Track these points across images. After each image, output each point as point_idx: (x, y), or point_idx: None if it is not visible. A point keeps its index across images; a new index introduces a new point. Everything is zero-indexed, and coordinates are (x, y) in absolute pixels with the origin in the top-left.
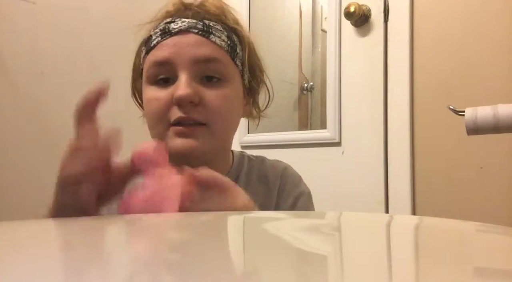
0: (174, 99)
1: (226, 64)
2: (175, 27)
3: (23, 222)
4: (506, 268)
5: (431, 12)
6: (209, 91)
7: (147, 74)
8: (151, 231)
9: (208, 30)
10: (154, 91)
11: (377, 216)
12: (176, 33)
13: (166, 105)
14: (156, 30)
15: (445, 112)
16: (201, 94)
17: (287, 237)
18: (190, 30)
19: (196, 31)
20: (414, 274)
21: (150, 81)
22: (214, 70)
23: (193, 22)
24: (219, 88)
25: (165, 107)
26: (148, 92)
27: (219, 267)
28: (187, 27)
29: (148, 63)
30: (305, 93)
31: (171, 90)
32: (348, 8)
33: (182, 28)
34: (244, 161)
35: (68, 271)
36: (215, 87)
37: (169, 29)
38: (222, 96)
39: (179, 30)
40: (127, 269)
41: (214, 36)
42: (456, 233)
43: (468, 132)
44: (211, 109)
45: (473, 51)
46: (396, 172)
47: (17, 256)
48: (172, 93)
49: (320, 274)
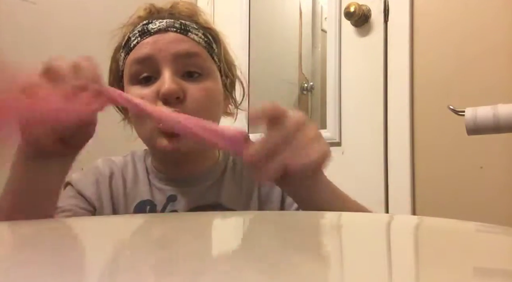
0: (160, 95)
1: (206, 59)
2: (154, 27)
3: (23, 222)
4: (506, 268)
5: (431, 12)
6: (191, 86)
7: (129, 73)
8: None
9: (186, 29)
10: (138, 90)
11: (377, 216)
12: (155, 32)
13: (152, 102)
14: (134, 31)
15: (445, 112)
16: (184, 89)
17: (287, 236)
18: (169, 29)
19: (174, 29)
20: (414, 274)
21: (132, 81)
22: (195, 65)
23: (171, 21)
24: (200, 82)
25: None
26: (132, 92)
27: (219, 267)
28: (166, 27)
29: (129, 63)
30: (305, 93)
31: (155, 87)
32: (348, 8)
33: (161, 27)
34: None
35: (67, 270)
36: (197, 81)
37: (148, 29)
38: (204, 90)
39: (158, 30)
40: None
41: (192, 34)
42: (456, 233)
43: (468, 132)
44: (195, 103)
45: (473, 51)
46: (396, 172)
47: (17, 256)
48: (156, 90)
49: (320, 274)
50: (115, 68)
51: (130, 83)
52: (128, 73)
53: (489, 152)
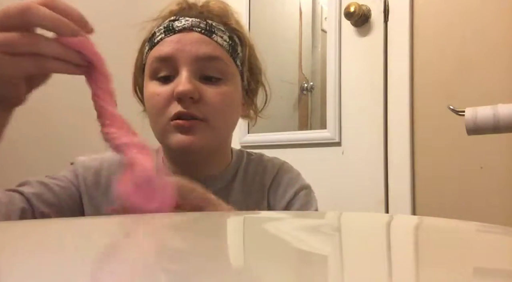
0: (174, 94)
1: (227, 63)
2: (179, 25)
3: (23, 222)
4: (506, 268)
5: (431, 12)
6: (209, 89)
7: (150, 69)
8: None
9: (211, 30)
10: (156, 87)
11: (377, 216)
12: (179, 31)
13: (167, 100)
14: (160, 27)
15: (445, 112)
16: (201, 91)
17: (287, 237)
18: (193, 28)
19: (199, 29)
20: (414, 274)
21: (152, 76)
22: (214, 69)
23: (197, 21)
24: (218, 86)
25: (166, 102)
26: (149, 87)
27: (219, 268)
28: (191, 26)
29: (151, 59)
30: (305, 93)
31: (172, 86)
32: (348, 8)
33: (186, 26)
34: (243, 157)
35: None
36: (215, 85)
37: (173, 27)
38: (221, 94)
39: (182, 28)
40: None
41: (216, 36)
42: (456, 233)
43: (468, 132)
44: (210, 105)
45: (473, 51)
46: (396, 172)
47: (17, 256)
48: (173, 89)
49: (320, 274)
50: (140, 61)
51: (149, 78)
52: (149, 69)
53: (489, 152)
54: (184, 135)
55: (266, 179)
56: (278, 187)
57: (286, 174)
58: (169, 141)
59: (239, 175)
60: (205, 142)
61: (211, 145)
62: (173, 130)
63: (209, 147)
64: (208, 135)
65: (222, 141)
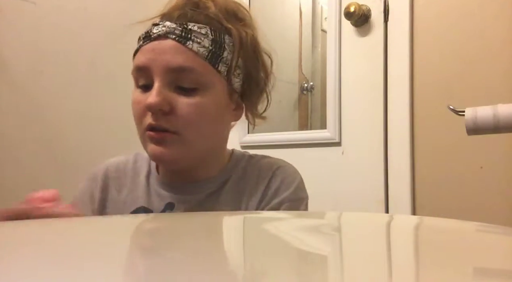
0: (145, 107)
1: (202, 72)
2: (155, 31)
3: (23, 222)
4: (506, 268)
5: (431, 12)
6: (182, 99)
7: (133, 76)
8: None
9: (187, 36)
10: (138, 94)
11: (377, 216)
12: (154, 38)
13: (143, 110)
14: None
15: (445, 112)
16: (172, 103)
17: (287, 237)
18: (168, 35)
19: (173, 37)
20: (414, 274)
21: (135, 84)
22: (187, 79)
23: (172, 27)
24: (192, 97)
25: (142, 112)
26: (133, 94)
27: (219, 267)
28: (165, 33)
29: (133, 66)
30: (305, 93)
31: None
32: (348, 8)
33: (161, 33)
34: (243, 160)
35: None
36: (189, 95)
37: (150, 34)
38: (194, 105)
39: (157, 35)
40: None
41: (193, 42)
42: (456, 233)
43: (468, 132)
44: (182, 117)
45: (473, 51)
46: (396, 172)
47: (18, 256)
48: None
49: (320, 274)
50: None
51: (135, 85)
52: (133, 76)
53: (489, 152)
54: (155, 146)
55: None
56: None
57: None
58: (146, 149)
59: (232, 178)
60: (178, 154)
61: (186, 157)
62: (148, 140)
63: (185, 159)
64: (179, 147)
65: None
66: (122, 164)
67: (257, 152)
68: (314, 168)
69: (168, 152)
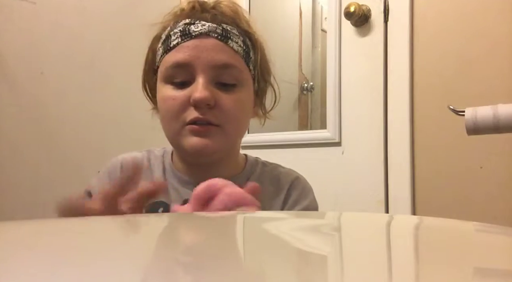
0: (192, 101)
1: (241, 70)
2: (196, 29)
3: (23, 222)
4: (506, 268)
5: (431, 12)
6: (224, 95)
7: (165, 74)
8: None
9: (227, 35)
10: (171, 91)
11: (377, 216)
12: (196, 36)
13: (183, 105)
14: (176, 30)
15: (445, 112)
16: (216, 98)
17: (287, 237)
18: (210, 34)
19: (215, 35)
20: (414, 274)
21: (166, 80)
22: (229, 76)
23: (213, 26)
24: (233, 92)
25: (181, 107)
26: (164, 91)
27: (219, 266)
28: (207, 31)
29: (168, 63)
30: (305, 93)
31: (188, 92)
32: (348, 8)
33: (203, 32)
34: (257, 166)
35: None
36: (230, 91)
37: (189, 32)
38: (236, 100)
39: (199, 33)
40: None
41: (232, 42)
42: (456, 233)
43: (468, 132)
44: (226, 112)
45: (473, 51)
46: (396, 172)
47: (19, 256)
48: (189, 95)
49: (320, 274)
50: (151, 59)
51: (163, 82)
52: (164, 73)
53: (489, 152)
54: (198, 138)
55: (280, 188)
56: (289, 198)
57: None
58: (183, 143)
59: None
60: (218, 146)
61: (223, 149)
62: (188, 134)
63: (221, 151)
64: (221, 140)
65: (233, 145)
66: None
67: (257, 152)
68: (314, 168)
69: (212, 144)
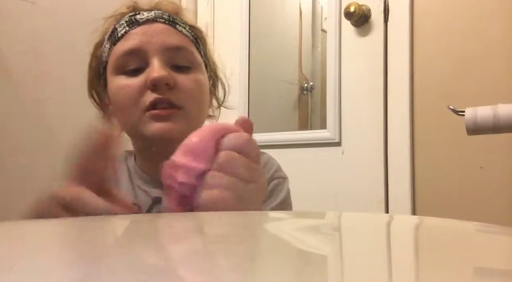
0: (149, 82)
1: (193, 53)
2: (142, 17)
3: (23, 222)
4: (506, 268)
5: (431, 12)
6: (181, 76)
7: (116, 64)
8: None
9: (174, 21)
10: (125, 79)
11: (377, 216)
12: (143, 22)
13: (140, 90)
14: (121, 22)
15: (445, 112)
16: (175, 79)
17: (287, 237)
18: (157, 19)
19: (163, 20)
20: (414, 274)
21: (118, 71)
22: (183, 58)
23: (160, 12)
24: (190, 74)
25: (138, 93)
26: (117, 81)
27: (219, 266)
28: (154, 17)
29: (117, 54)
30: (305, 93)
31: (144, 76)
32: (348, 8)
33: (149, 18)
34: None
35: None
36: (186, 73)
37: (136, 20)
38: (194, 80)
39: (146, 20)
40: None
41: (180, 27)
42: (456, 233)
43: (468, 132)
44: (186, 92)
45: (473, 51)
46: (396, 172)
47: (20, 256)
48: (144, 79)
49: (320, 274)
50: (96, 65)
51: (115, 73)
52: (114, 64)
53: (489, 152)
54: (161, 123)
55: None
56: None
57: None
58: (145, 131)
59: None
60: (181, 129)
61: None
62: (149, 120)
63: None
64: (184, 123)
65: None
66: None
67: None
68: (314, 168)
69: (176, 128)
